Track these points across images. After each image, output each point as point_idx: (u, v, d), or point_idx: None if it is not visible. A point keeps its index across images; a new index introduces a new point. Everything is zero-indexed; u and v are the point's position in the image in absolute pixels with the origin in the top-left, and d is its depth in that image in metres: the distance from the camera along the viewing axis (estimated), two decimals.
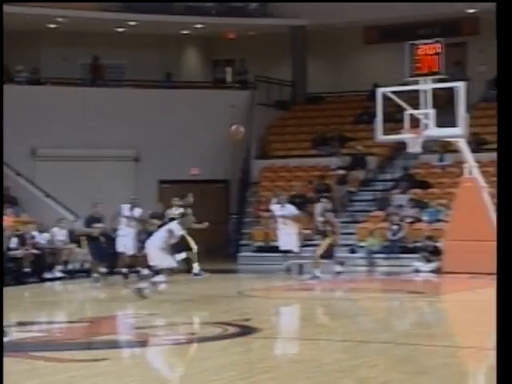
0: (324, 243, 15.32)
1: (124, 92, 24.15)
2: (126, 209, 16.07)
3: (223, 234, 24.44)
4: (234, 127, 13.80)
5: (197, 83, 26.11)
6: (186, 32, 25.66)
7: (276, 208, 16.09)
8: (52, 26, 23.81)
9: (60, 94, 23.19)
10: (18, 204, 20.44)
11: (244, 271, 19.15)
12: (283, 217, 15.69)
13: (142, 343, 8.87)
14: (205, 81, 26.79)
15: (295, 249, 15.67)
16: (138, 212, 16.08)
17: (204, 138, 23.92)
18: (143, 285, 12.58)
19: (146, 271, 14.80)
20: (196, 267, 12.99)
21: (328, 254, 15.45)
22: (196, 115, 23.87)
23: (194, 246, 13.02)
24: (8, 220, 17.59)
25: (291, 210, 15.89)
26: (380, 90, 17.02)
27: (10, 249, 16.41)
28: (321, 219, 15.62)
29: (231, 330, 9.45)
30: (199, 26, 24.95)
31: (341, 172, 22.57)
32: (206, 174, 24.30)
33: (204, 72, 27.67)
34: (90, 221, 16.08)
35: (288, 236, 15.69)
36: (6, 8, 15.09)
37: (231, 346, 8.51)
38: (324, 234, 15.45)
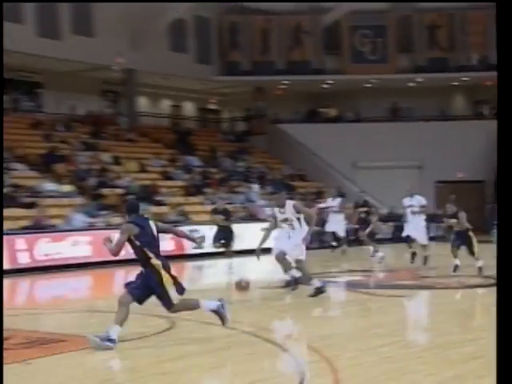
0: None
1: (414, 124, 28.82)
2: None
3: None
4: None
5: (462, 116, 30.54)
6: (455, 83, 30.42)
7: (406, 200, 13.29)
8: (368, 85, 29.72)
9: (370, 128, 28.43)
10: (344, 196, 21.63)
11: None
12: (413, 207, 12.97)
13: (428, 287, 10.46)
14: (467, 115, 30.99)
15: (423, 241, 12.97)
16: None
17: (468, 150, 27.77)
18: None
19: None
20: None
21: None
22: (460, 140, 27.83)
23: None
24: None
25: (420, 201, 13.13)
26: None
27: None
28: None
29: None
30: (465, 78, 29.65)
31: None
32: (467, 176, 27.24)
33: (467, 109, 31.83)
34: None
35: (418, 227, 12.92)
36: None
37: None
38: None
